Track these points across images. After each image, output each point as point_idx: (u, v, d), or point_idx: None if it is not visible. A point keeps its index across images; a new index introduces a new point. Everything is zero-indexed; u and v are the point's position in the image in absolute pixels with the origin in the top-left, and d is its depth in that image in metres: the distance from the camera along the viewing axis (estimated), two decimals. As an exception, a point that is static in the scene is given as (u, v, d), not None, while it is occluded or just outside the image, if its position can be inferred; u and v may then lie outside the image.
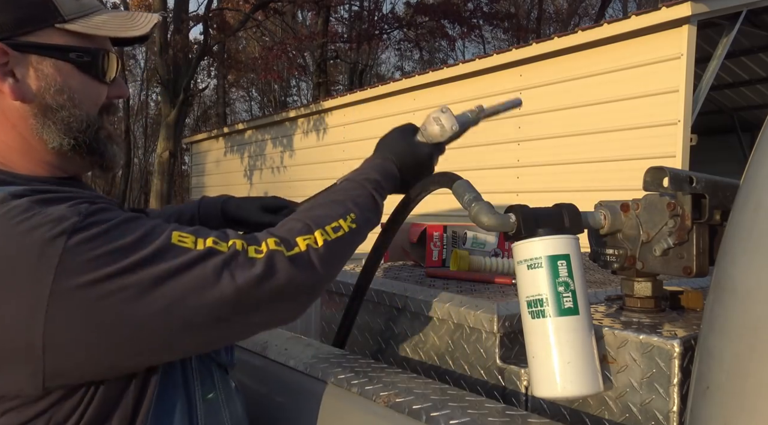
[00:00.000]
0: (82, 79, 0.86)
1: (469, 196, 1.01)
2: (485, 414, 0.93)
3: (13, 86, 0.81)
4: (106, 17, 0.88)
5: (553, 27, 21.06)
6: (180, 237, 0.78)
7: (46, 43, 0.83)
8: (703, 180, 1.02)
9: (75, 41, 0.85)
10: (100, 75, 0.88)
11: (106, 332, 0.72)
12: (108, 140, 0.91)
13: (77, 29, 0.84)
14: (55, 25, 0.83)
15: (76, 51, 0.85)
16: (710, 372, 0.69)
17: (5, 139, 0.84)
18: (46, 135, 0.84)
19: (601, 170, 4.94)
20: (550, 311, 0.90)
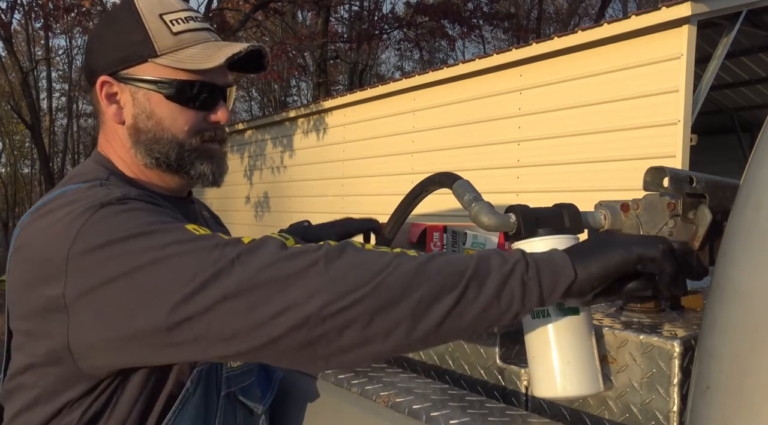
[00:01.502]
0: (169, 107, 0.99)
1: (469, 196, 1.01)
2: (485, 414, 0.93)
3: (115, 111, 1.00)
4: (196, 50, 0.99)
5: (553, 27, 21.06)
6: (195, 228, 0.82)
7: (140, 77, 0.98)
8: (703, 180, 1.02)
9: (165, 74, 0.98)
10: (189, 103, 1.00)
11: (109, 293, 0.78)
12: (197, 160, 1.02)
13: (166, 63, 0.97)
14: (148, 60, 0.97)
15: (162, 83, 0.98)
16: (710, 372, 0.69)
17: (121, 154, 1.02)
18: (138, 154, 1.00)
19: (601, 170, 4.94)
20: (551, 311, 0.90)
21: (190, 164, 1.02)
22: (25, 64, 16.44)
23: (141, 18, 0.97)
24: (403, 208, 1.21)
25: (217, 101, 1.03)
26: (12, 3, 12.91)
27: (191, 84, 0.99)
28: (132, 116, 0.99)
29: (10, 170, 25.12)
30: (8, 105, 19.38)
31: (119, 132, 1.01)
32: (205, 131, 1.02)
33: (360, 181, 7.58)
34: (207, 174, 1.04)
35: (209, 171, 1.04)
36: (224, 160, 1.08)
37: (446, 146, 6.32)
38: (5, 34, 13.13)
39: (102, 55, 0.99)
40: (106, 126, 1.03)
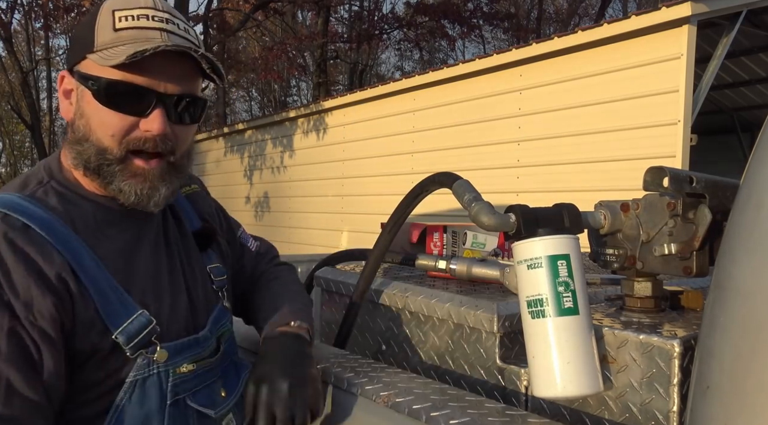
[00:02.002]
0: (95, 107, 0.91)
1: (469, 196, 1.01)
2: (485, 414, 0.93)
3: (66, 107, 0.96)
4: (125, 48, 0.88)
5: (553, 27, 21.05)
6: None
7: (81, 72, 0.92)
8: (703, 180, 1.02)
9: (96, 71, 0.90)
10: (114, 106, 0.90)
11: None
12: (120, 173, 0.92)
13: (93, 60, 0.91)
14: (86, 56, 0.92)
15: (89, 79, 0.91)
16: (710, 372, 0.69)
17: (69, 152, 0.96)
18: (68, 152, 0.95)
19: (601, 170, 4.94)
20: (550, 311, 0.90)
21: (110, 176, 0.92)
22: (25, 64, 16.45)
23: (97, 14, 0.92)
24: (403, 208, 1.21)
25: (149, 107, 0.90)
26: (12, 3, 12.91)
27: (116, 84, 0.89)
28: (73, 112, 0.94)
29: (10, 170, 25.12)
30: (8, 105, 19.40)
31: (70, 129, 0.97)
32: (133, 139, 0.91)
33: (360, 181, 7.58)
34: (127, 193, 0.93)
35: (130, 190, 0.93)
36: (157, 181, 0.94)
37: (446, 146, 6.32)
38: (5, 34, 13.13)
39: (70, 50, 0.98)
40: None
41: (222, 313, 1.11)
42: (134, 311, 0.91)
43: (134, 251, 0.97)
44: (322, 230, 8.21)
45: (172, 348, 0.96)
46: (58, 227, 0.87)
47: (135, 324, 0.91)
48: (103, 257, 0.91)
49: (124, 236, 0.97)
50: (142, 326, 0.91)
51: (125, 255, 0.96)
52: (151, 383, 0.93)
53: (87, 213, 0.93)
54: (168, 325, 0.97)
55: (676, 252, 1.03)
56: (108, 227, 0.95)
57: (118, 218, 0.97)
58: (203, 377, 1.02)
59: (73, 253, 0.87)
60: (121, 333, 0.89)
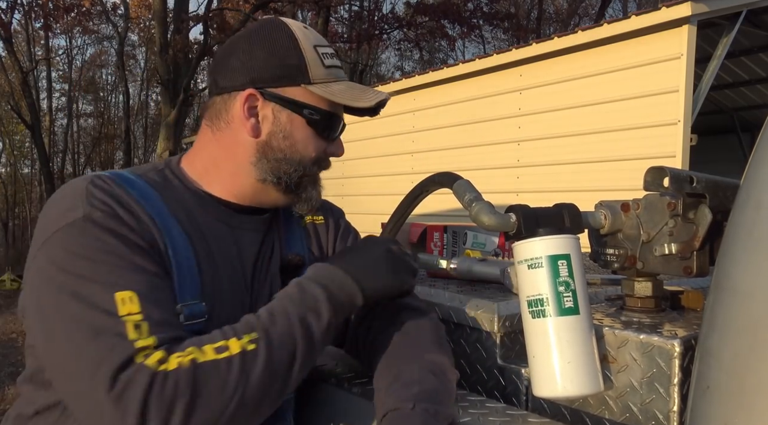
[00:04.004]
0: (306, 133, 1.03)
1: (469, 196, 1.01)
2: (485, 413, 0.93)
3: (253, 124, 1.01)
4: (343, 87, 1.04)
5: (553, 27, 21.05)
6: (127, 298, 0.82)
7: (288, 97, 1.01)
8: (703, 180, 1.02)
9: (312, 101, 1.02)
10: (323, 133, 1.04)
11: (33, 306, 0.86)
12: (310, 184, 1.07)
13: (317, 92, 1.01)
14: (301, 85, 1.01)
15: (310, 109, 1.02)
16: (710, 372, 0.69)
17: (220, 161, 1.03)
18: (256, 169, 1.02)
19: (601, 170, 4.94)
20: (551, 311, 0.90)
21: (303, 188, 1.06)
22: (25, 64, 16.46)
23: (299, 44, 1.01)
24: (403, 208, 1.21)
25: (338, 136, 1.09)
26: (12, 3, 12.91)
27: (331, 116, 1.04)
28: (268, 132, 1.01)
29: (10, 170, 25.13)
30: (8, 105, 19.38)
31: (244, 143, 1.02)
32: (323, 161, 1.07)
33: (360, 181, 7.58)
34: (313, 200, 1.09)
35: (315, 196, 1.09)
36: (322, 188, 1.13)
37: (446, 146, 6.32)
38: (5, 34, 13.13)
39: (253, 68, 1.00)
40: (223, 132, 1.03)
41: None
42: (197, 299, 0.93)
43: (221, 253, 1.00)
44: (322, 230, 8.20)
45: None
46: (154, 197, 0.94)
47: (194, 308, 0.92)
48: (190, 236, 0.96)
49: (217, 234, 1.01)
50: (196, 314, 0.92)
51: (210, 247, 0.99)
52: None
53: (185, 200, 0.99)
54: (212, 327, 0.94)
55: (677, 252, 1.03)
56: (202, 218, 1.00)
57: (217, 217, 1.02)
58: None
59: (163, 220, 0.93)
60: (185, 306, 0.91)
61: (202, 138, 1.07)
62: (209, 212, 1.02)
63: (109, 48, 25.49)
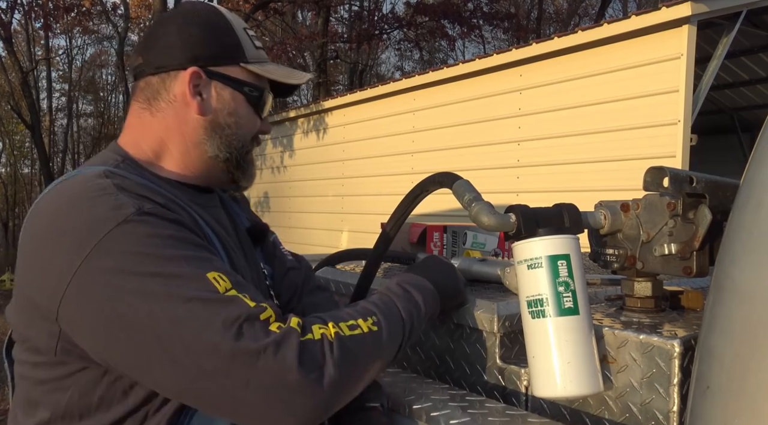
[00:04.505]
0: (247, 109, 1.07)
1: (469, 196, 1.01)
2: (485, 414, 0.93)
3: (199, 103, 1.02)
4: (274, 67, 1.10)
5: (553, 27, 21.05)
6: (217, 277, 0.83)
7: (230, 76, 1.04)
8: (703, 180, 1.02)
9: (249, 79, 1.06)
10: (259, 109, 1.09)
11: (104, 322, 0.80)
12: (251, 162, 1.11)
13: (255, 70, 1.05)
14: (240, 63, 1.04)
15: (249, 86, 1.06)
16: (710, 372, 0.69)
17: (168, 141, 1.03)
18: (208, 145, 1.04)
19: (601, 170, 4.93)
20: (550, 311, 0.90)
21: (247, 164, 1.09)
22: (25, 64, 16.46)
23: (231, 25, 1.05)
24: (403, 208, 1.21)
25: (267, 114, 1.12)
26: (12, 3, 12.91)
27: (268, 93, 1.09)
28: (214, 110, 1.04)
29: (10, 170, 25.14)
30: (8, 105, 19.38)
31: (193, 122, 1.03)
32: (257, 138, 1.11)
33: (360, 181, 7.58)
34: (253, 177, 1.12)
35: (253, 174, 1.12)
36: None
37: (446, 146, 6.32)
38: (5, 34, 13.13)
39: (191, 47, 1.02)
40: (166, 113, 1.03)
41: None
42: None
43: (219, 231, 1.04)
44: (322, 230, 8.21)
45: None
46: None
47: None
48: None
49: (208, 216, 1.03)
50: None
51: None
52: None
53: (165, 190, 0.98)
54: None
55: (676, 252, 1.03)
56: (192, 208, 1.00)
57: (195, 201, 1.04)
58: None
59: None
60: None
61: (140, 121, 1.05)
62: (186, 196, 1.02)
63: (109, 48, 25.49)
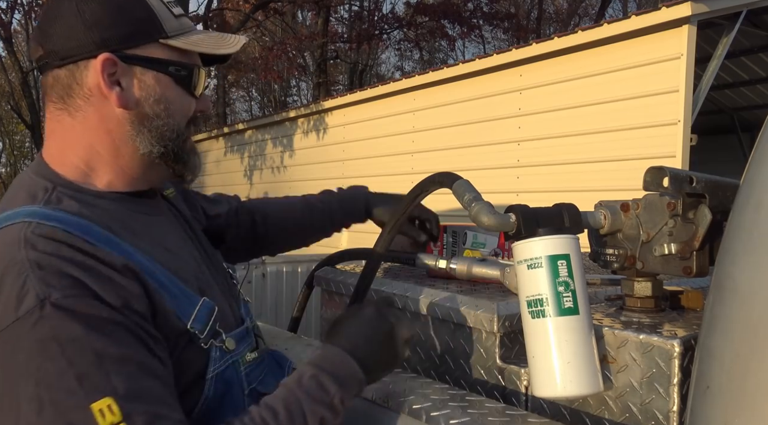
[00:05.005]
0: (177, 92, 0.92)
1: (469, 196, 1.01)
2: (485, 413, 0.93)
3: (119, 94, 0.87)
4: (202, 36, 0.94)
5: (553, 27, 21.05)
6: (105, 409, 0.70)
7: (150, 57, 0.89)
8: (703, 180, 1.02)
9: (174, 56, 0.91)
10: (192, 89, 0.94)
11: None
12: (191, 151, 0.97)
13: (178, 45, 0.90)
14: (159, 40, 0.89)
15: (175, 65, 0.91)
16: (710, 372, 0.69)
17: (96, 144, 0.89)
18: (138, 142, 0.90)
19: (601, 170, 4.93)
20: (550, 311, 0.90)
21: (187, 155, 0.95)
22: (25, 64, 16.44)
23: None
24: (403, 208, 1.21)
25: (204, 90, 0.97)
26: (12, 3, 12.91)
27: (197, 69, 0.93)
28: (137, 99, 0.89)
29: (10, 170, 25.14)
30: (8, 105, 19.39)
31: (117, 118, 0.88)
32: (195, 120, 0.96)
33: (360, 181, 7.55)
34: (197, 168, 0.98)
35: (199, 164, 0.99)
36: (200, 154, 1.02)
37: (446, 146, 6.32)
38: (5, 34, 13.13)
39: (96, 28, 0.85)
40: (85, 113, 0.88)
41: (247, 307, 1.10)
42: (197, 300, 0.88)
43: (169, 243, 0.94)
44: (322, 230, 8.20)
45: (235, 336, 0.94)
46: (96, 229, 0.81)
47: (203, 310, 0.88)
48: (148, 251, 0.86)
49: (154, 229, 0.93)
50: (209, 311, 0.89)
51: (165, 247, 0.92)
52: (229, 374, 0.91)
53: (111, 211, 0.88)
54: (224, 310, 0.95)
55: (676, 252, 1.03)
56: (134, 223, 0.90)
57: (140, 212, 0.94)
58: (263, 365, 1.02)
59: (123, 251, 0.81)
60: (194, 321, 0.86)
61: (61, 126, 0.89)
62: (132, 210, 0.91)
63: (109, 48, 25.41)
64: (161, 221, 0.98)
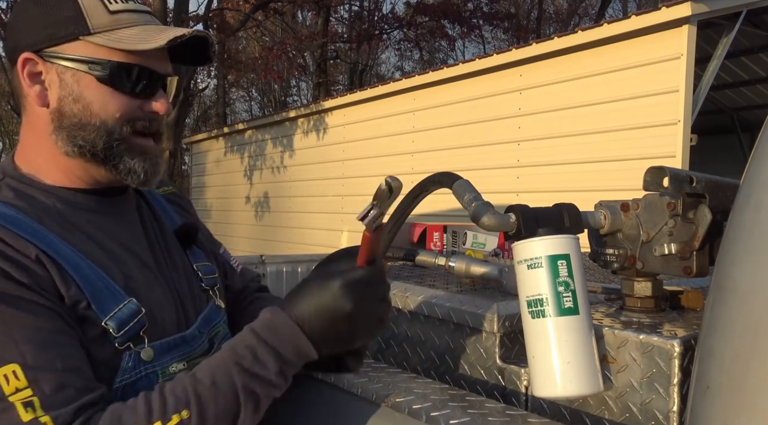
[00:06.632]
0: (100, 91, 0.90)
1: (469, 196, 1.01)
2: (485, 414, 0.93)
3: (37, 93, 0.90)
4: (135, 32, 0.91)
5: (553, 27, 21.05)
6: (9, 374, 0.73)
7: (68, 55, 0.89)
8: (703, 180, 1.02)
9: (99, 54, 0.89)
10: (125, 88, 0.91)
11: None
12: (126, 153, 0.93)
13: (98, 42, 0.89)
14: (79, 37, 0.89)
15: (94, 63, 0.89)
16: (710, 372, 0.69)
17: (37, 142, 0.93)
18: (59, 141, 0.91)
19: (601, 170, 4.94)
20: (550, 311, 0.90)
21: (118, 157, 0.92)
22: (25, 64, 16.41)
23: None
24: (403, 208, 1.21)
25: (155, 89, 0.94)
26: (12, 3, 12.91)
27: (127, 67, 0.90)
28: (57, 98, 0.90)
29: (10, 170, 25.08)
30: (8, 105, 19.37)
31: (41, 116, 0.91)
32: (137, 120, 0.93)
33: (360, 181, 7.58)
34: (137, 171, 0.94)
35: (140, 168, 0.94)
36: (159, 159, 0.97)
37: (446, 146, 6.32)
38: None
39: (27, 31, 0.90)
40: (27, 111, 0.93)
41: (214, 312, 1.07)
42: (123, 299, 0.88)
43: (110, 241, 0.94)
44: (322, 230, 8.21)
45: (158, 347, 0.91)
46: (22, 219, 0.84)
47: (125, 310, 0.87)
48: (78, 246, 0.88)
49: (96, 226, 0.93)
50: (132, 313, 0.87)
51: (101, 244, 0.92)
52: (142, 386, 0.87)
53: (48, 205, 0.90)
54: (159, 317, 0.93)
55: (676, 252, 1.03)
56: (75, 218, 0.92)
57: (86, 209, 0.94)
58: None
59: (45, 242, 0.83)
60: (111, 319, 0.85)
61: (22, 123, 0.95)
62: (76, 206, 0.93)
63: (109, 48, 25.39)
64: (114, 219, 0.98)
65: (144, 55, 0.91)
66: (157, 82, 0.94)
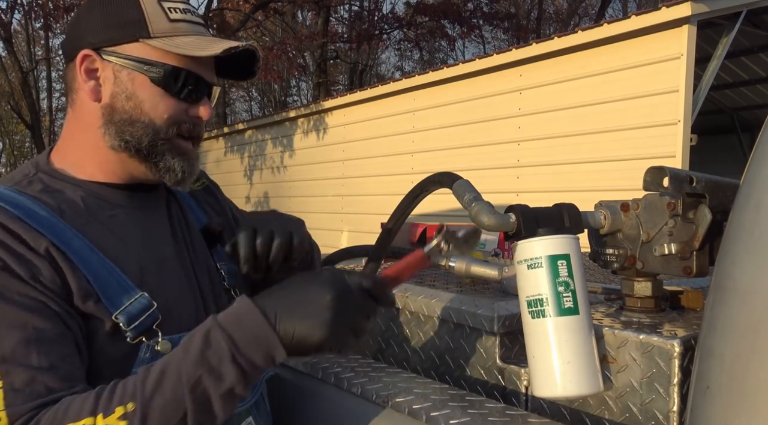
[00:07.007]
0: (153, 91, 0.95)
1: (469, 196, 1.01)
2: (485, 414, 0.93)
3: (92, 88, 0.95)
4: (191, 39, 0.97)
5: (553, 27, 21.05)
6: None
7: (126, 55, 0.94)
8: (703, 180, 1.02)
9: (155, 56, 0.94)
10: (174, 91, 0.96)
11: None
12: (168, 152, 0.97)
13: (158, 46, 0.94)
14: (139, 40, 0.94)
15: (150, 64, 0.94)
16: (710, 372, 0.69)
17: (82, 136, 0.98)
18: (107, 135, 0.96)
19: (601, 170, 4.94)
20: (550, 311, 0.90)
21: (160, 155, 0.97)
22: (25, 64, 16.47)
23: (138, 0, 0.95)
24: (403, 208, 1.21)
25: (201, 96, 0.99)
26: (12, 3, 12.92)
27: (180, 71, 0.95)
28: (110, 94, 0.95)
29: (10, 170, 25.15)
30: (8, 105, 19.40)
31: (92, 110, 0.96)
32: (183, 123, 0.98)
33: (360, 181, 7.58)
34: (176, 170, 0.98)
35: (179, 168, 0.98)
36: (196, 161, 1.03)
37: (446, 146, 6.32)
38: (5, 34, 13.14)
39: (89, 30, 0.95)
40: (76, 105, 0.98)
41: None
42: (134, 293, 0.89)
43: (133, 235, 0.96)
44: (322, 230, 8.21)
45: (176, 341, 0.91)
46: (38, 212, 0.87)
47: (136, 304, 0.88)
48: (95, 240, 0.90)
49: (120, 220, 0.96)
50: (143, 308, 0.89)
51: (122, 238, 0.94)
52: None
53: (75, 198, 0.94)
54: (176, 312, 0.94)
55: (676, 252, 1.03)
56: (100, 211, 0.95)
57: (114, 203, 0.97)
58: None
59: (59, 235, 0.86)
60: (121, 313, 0.87)
61: (67, 119, 1.00)
62: (103, 200, 0.97)
63: (109, 48, 25.43)
64: (142, 214, 1.01)
65: (195, 62, 0.97)
66: (204, 89, 1.00)
